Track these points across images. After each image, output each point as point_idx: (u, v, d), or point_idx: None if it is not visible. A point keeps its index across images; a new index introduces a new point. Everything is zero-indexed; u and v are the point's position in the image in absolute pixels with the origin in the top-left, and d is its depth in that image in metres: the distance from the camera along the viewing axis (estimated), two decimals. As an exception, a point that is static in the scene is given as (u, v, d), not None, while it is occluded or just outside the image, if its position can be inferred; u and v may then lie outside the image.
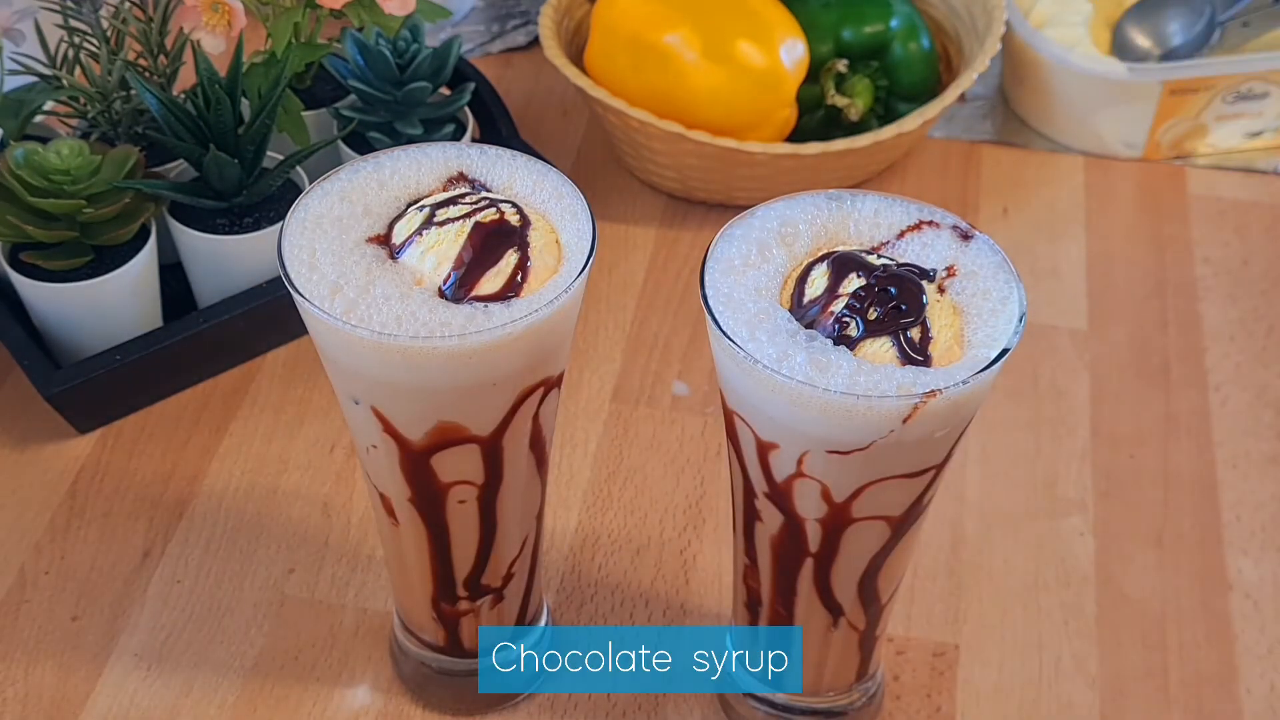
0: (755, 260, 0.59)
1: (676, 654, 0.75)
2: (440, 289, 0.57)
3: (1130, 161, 1.04)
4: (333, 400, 0.86)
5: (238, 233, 0.85)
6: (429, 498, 0.64)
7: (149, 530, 0.81)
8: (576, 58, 1.02)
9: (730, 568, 0.71)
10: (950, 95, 0.96)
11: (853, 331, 0.55)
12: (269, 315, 0.86)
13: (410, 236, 0.58)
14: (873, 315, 0.55)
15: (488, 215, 0.58)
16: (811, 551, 0.62)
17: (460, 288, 0.57)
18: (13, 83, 0.88)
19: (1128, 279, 0.96)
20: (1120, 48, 1.05)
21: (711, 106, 0.94)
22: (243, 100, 0.86)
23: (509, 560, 0.68)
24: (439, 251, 0.58)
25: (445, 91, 0.93)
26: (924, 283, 0.57)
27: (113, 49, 0.86)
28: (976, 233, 0.60)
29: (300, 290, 0.57)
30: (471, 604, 0.69)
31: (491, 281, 0.57)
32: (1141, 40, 1.04)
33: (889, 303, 0.56)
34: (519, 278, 0.58)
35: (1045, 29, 1.04)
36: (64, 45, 0.87)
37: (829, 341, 0.56)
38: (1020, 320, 0.57)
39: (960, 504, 0.82)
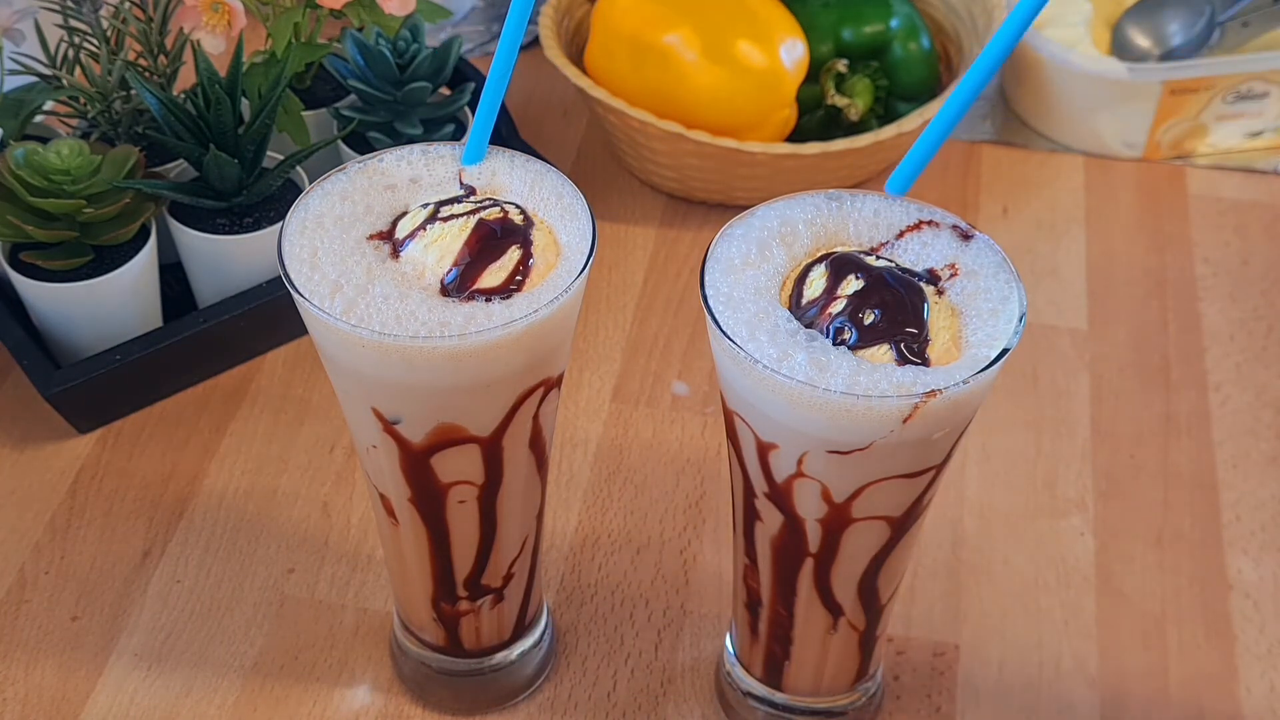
0: (755, 260, 0.59)
1: (676, 654, 0.75)
2: (443, 281, 0.57)
3: (1130, 161, 1.04)
4: (333, 400, 0.86)
5: (238, 233, 0.85)
6: (429, 498, 0.64)
7: (149, 530, 0.81)
8: (576, 58, 1.02)
9: (730, 568, 0.71)
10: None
11: (849, 338, 0.55)
12: (269, 315, 0.87)
13: (414, 231, 0.59)
14: (870, 320, 0.55)
15: (491, 213, 0.59)
16: (811, 551, 0.62)
17: (462, 281, 0.57)
18: (13, 83, 0.88)
19: (1128, 279, 0.96)
20: (1120, 48, 1.05)
21: (711, 106, 0.94)
22: (243, 100, 0.86)
23: (509, 560, 0.68)
24: (442, 245, 0.58)
25: (445, 91, 0.93)
26: (924, 285, 0.57)
27: (113, 49, 0.86)
28: (976, 233, 0.60)
29: (300, 290, 0.57)
30: (471, 604, 0.69)
31: (494, 275, 0.57)
32: (1141, 40, 1.04)
33: (887, 310, 0.55)
34: (521, 273, 0.58)
35: (1045, 29, 1.04)
36: (64, 45, 0.87)
37: (829, 341, 0.56)
38: (1020, 320, 0.56)
39: (960, 504, 0.82)
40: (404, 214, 0.60)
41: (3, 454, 0.84)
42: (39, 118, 0.91)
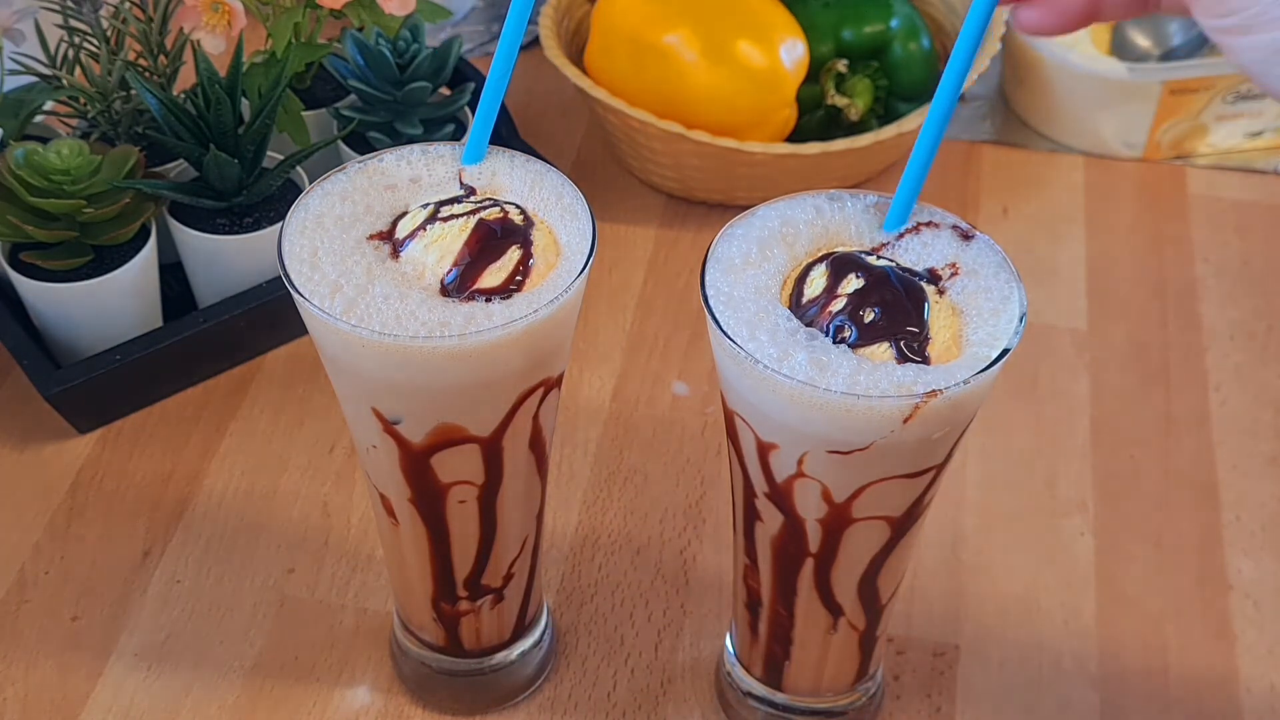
0: (755, 259, 0.59)
1: (676, 654, 0.75)
2: (443, 281, 0.57)
3: (1130, 161, 1.04)
4: (333, 400, 0.86)
5: (238, 233, 0.85)
6: (429, 498, 0.64)
7: (149, 530, 0.81)
8: (576, 58, 1.02)
9: (730, 568, 0.71)
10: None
11: (850, 336, 0.55)
12: (269, 315, 0.87)
13: (414, 231, 0.59)
14: (870, 318, 0.55)
15: (491, 213, 0.59)
16: (812, 552, 0.62)
17: (462, 281, 0.57)
18: (13, 83, 0.88)
19: (1128, 279, 0.96)
20: (1120, 48, 1.05)
21: (711, 106, 0.94)
22: (243, 100, 0.86)
23: (509, 560, 0.68)
24: (442, 245, 0.58)
25: (445, 91, 0.93)
26: (924, 285, 0.57)
27: (113, 49, 0.86)
28: (977, 233, 0.60)
29: (300, 290, 0.57)
30: (471, 604, 0.69)
31: (494, 276, 0.57)
32: (1141, 40, 1.04)
33: (888, 308, 0.55)
34: (521, 274, 0.58)
35: (1045, 29, 1.04)
36: (64, 45, 0.87)
37: (829, 340, 0.56)
38: (1021, 320, 0.56)
39: (960, 504, 0.82)
40: (404, 214, 0.60)
41: (3, 454, 0.84)
42: (39, 118, 0.91)
